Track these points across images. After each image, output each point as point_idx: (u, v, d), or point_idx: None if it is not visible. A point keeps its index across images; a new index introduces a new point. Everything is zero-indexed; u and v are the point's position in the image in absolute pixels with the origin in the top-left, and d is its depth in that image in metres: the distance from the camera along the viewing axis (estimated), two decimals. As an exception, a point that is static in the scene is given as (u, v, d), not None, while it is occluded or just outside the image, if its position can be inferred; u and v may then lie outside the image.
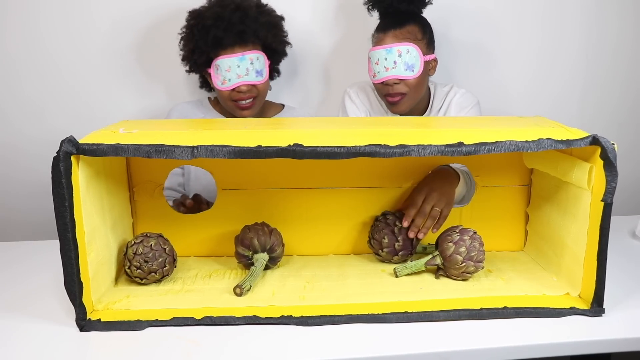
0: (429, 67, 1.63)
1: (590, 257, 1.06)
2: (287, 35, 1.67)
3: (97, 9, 1.81)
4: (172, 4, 1.82)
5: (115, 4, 1.81)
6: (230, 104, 1.59)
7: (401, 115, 1.65)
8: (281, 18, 1.65)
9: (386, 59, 1.54)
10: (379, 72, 1.56)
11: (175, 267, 1.22)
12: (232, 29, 1.50)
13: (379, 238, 1.27)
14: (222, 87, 1.53)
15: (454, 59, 1.93)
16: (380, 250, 1.27)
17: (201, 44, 1.55)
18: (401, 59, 1.54)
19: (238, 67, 1.50)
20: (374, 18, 1.68)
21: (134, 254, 1.16)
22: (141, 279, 1.17)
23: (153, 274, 1.16)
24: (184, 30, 1.59)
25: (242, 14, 1.52)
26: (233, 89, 1.54)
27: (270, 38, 1.57)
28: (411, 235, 1.24)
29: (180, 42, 1.61)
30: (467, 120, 1.41)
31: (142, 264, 1.15)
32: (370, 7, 1.67)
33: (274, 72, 1.72)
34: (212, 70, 1.54)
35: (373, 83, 1.62)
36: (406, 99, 1.59)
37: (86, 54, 1.84)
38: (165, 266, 1.18)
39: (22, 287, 1.22)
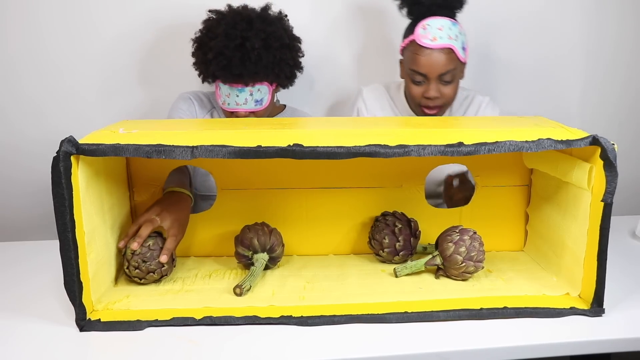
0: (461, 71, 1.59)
1: (590, 257, 1.06)
2: (296, 62, 1.57)
3: (96, 9, 1.81)
4: (171, 4, 1.82)
5: (115, 4, 1.81)
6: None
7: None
8: (291, 46, 1.54)
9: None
10: None
11: (174, 267, 1.22)
12: (230, 70, 1.45)
13: (380, 238, 1.27)
14: (222, 106, 1.52)
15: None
16: (381, 251, 1.27)
17: (203, 69, 1.52)
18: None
19: (237, 97, 1.48)
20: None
21: (133, 254, 1.16)
22: (140, 279, 1.17)
23: (151, 273, 1.16)
24: (196, 35, 1.56)
25: (243, 56, 1.43)
26: (231, 112, 1.53)
27: (273, 77, 1.51)
28: None
29: (193, 45, 1.58)
30: (467, 120, 1.41)
31: (140, 263, 1.15)
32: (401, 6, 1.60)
33: (286, 86, 1.67)
34: (216, 84, 1.53)
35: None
36: (442, 109, 1.59)
37: (86, 54, 1.84)
38: (163, 266, 1.18)
39: (22, 287, 1.21)
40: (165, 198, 1.27)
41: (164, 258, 1.16)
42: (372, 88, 1.74)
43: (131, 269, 1.16)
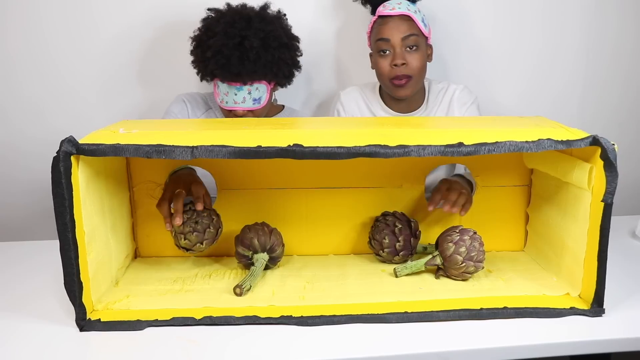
0: (427, 53, 1.64)
1: (590, 257, 1.06)
2: (294, 61, 1.58)
3: (97, 9, 1.81)
4: (172, 5, 1.82)
5: (116, 4, 1.81)
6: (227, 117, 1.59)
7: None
8: (290, 46, 1.55)
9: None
10: None
11: (219, 218, 1.26)
12: (229, 68, 1.45)
13: (380, 239, 1.27)
14: (220, 104, 1.53)
15: (454, 58, 1.93)
16: (381, 251, 1.27)
17: (201, 67, 1.53)
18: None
19: (235, 95, 1.49)
20: (365, 18, 1.67)
21: (183, 225, 1.19)
22: (202, 243, 1.21)
23: (208, 229, 1.21)
24: (195, 34, 1.57)
25: (242, 54, 1.44)
26: (229, 110, 1.53)
27: (271, 76, 1.52)
28: (446, 208, 1.26)
29: (192, 43, 1.58)
30: (467, 121, 1.41)
31: (195, 226, 1.20)
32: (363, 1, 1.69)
33: (284, 84, 1.68)
34: (214, 83, 1.53)
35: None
36: (412, 82, 1.61)
37: (86, 54, 1.84)
38: (213, 219, 1.23)
39: (22, 287, 1.22)
40: (173, 177, 1.30)
41: (199, 206, 1.20)
42: (348, 91, 1.77)
43: (190, 237, 1.20)
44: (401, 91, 1.61)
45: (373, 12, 1.66)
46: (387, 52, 1.58)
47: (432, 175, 1.62)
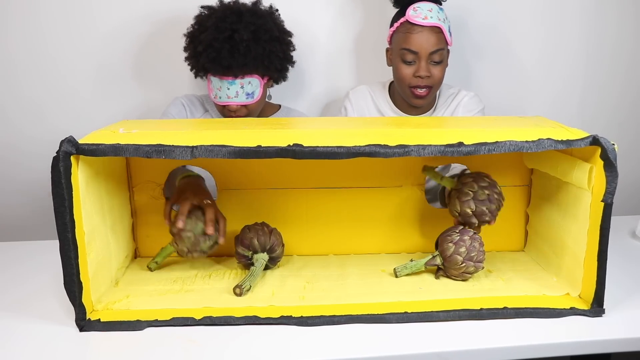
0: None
1: (590, 257, 1.06)
2: (287, 55, 1.58)
3: (97, 9, 1.81)
4: (172, 5, 1.82)
5: (116, 4, 1.81)
6: (223, 115, 1.60)
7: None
8: (281, 39, 1.55)
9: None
10: None
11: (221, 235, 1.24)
12: (219, 61, 1.46)
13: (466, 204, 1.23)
14: (214, 100, 1.53)
15: (453, 59, 1.93)
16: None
17: (194, 62, 1.54)
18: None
19: (228, 89, 1.49)
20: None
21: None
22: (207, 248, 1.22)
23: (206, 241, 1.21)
24: (188, 30, 1.58)
25: (232, 47, 1.46)
26: (223, 106, 1.54)
27: (262, 70, 1.52)
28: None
29: (185, 40, 1.59)
30: (467, 120, 1.41)
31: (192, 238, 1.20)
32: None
33: (278, 80, 1.68)
34: (208, 79, 1.54)
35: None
36: (432, 91, 1.61)
37: (86, 54, 1.84)
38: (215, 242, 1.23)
39: (22, 288, 1.21)
40: (179, 186, 1.29)
41: (210, 230, 1.19)
42: (357, 90, 1.78)
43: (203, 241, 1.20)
44: (420, 100, 1.62)
45: (396, 4, 1.63)
46: (412, 62, 1.58)
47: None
